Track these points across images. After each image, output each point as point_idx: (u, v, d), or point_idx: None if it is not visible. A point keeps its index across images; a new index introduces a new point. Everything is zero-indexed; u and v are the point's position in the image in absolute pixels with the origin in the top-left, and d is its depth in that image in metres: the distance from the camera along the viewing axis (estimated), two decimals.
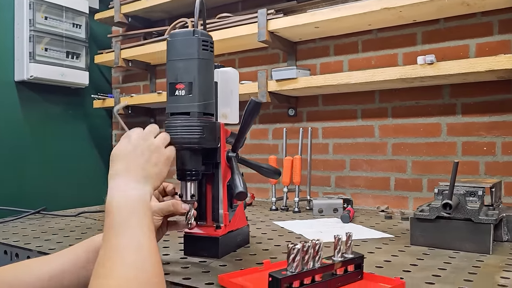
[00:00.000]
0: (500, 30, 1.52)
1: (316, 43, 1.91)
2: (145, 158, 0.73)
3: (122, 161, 0.71)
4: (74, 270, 0.76)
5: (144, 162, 0.73)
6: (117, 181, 0.70)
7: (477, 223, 0.96)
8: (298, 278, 0.65)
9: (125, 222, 0.64)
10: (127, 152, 0.72)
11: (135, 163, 0.72)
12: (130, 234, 0.63)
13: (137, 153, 0.73)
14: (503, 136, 1.51)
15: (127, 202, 0.67)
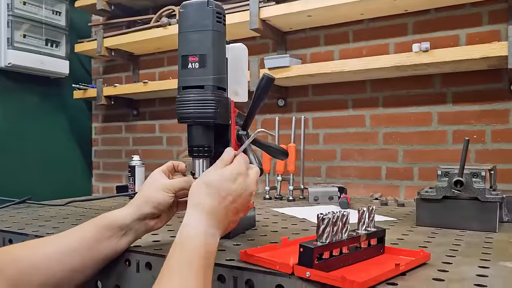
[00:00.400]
0: (489, 21, 1.56)
1: (307, 33, 1.91)
2: (237, 211, 0.71)
3: (218, 202, 0.68)
4: (82, 250, 0.72)
5: (233, 215, 0.71)
6: (203, 217, 0.66)
7: (484, 202, 0.97)
8: (328, 248, 0.64)
9: (172, 268, 0.61)
10: (229, 199, 0.69)
11: (227, 214, 0.69)
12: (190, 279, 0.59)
13: (234, 206, 0.70)
14: (493, 124, 1.55)
15: (203, 248, 0.63)
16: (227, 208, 0.69)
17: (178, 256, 0.61)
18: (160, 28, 2.04)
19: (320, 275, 0.59)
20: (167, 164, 0.86)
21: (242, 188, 0.71)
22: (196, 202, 0.68)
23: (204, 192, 0.68)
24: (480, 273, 0.64)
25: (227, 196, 0.69)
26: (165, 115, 2.34)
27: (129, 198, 1.58)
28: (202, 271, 0.60)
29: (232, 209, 0.70)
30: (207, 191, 0.68)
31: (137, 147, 2.45)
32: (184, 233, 0.64)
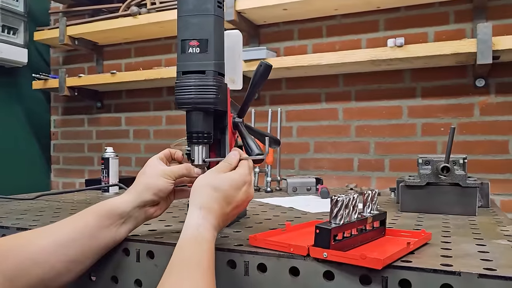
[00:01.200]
0: (456, 20, 1.64)
1: (280, 27, 1.92)
2: (237, 211, 0.71)
3: (223, 208, 0.68)
4: (82, 240, 0.69)
5: (233, 216, 0.71)
6: (213, 221, 0.66)
7: (465, 188, 1.02)
8: (343, 230, 0.65)
9: (180, 263, 0.60)
10: (233, 205, 0.69)
11: (228, 219, 0.70)
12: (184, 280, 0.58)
13: (234, 212, 0.71)
14: (459, 117, 1.63)
15: (212, 250, 0.63)
16: (229, 214, 0.70)
17: (190, 255, 0.60)
18: (129, 18, 1.98)
19: (338, 255, 0.60)
20: (164, 152, 0.84)
21: (245, 196, 0.71)
22: (206, 204, 0.67)
23: (212, 196, 0.67)
24: (480, 250, 0.68)
25: (233, 203, 0.69)
26: (132, 107, 2.27)
27: (102, 191, 1.53)
28: (210, 273, 0.60)
29: (232, 215, 0.71)
30: (216, 195, 0.67)
31: (101, 140, 2.36)
32: (196, 233, 0.63)
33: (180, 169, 0.79)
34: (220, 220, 0.67)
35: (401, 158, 1.71)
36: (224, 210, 0.68)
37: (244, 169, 0.73)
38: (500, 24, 1.57)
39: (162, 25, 1.96)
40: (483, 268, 0.57)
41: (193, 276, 0.57)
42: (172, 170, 0.78)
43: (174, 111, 2.17)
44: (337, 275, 0.61)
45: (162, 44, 2.20)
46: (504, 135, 1.58)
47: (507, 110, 1.57)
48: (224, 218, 0.68)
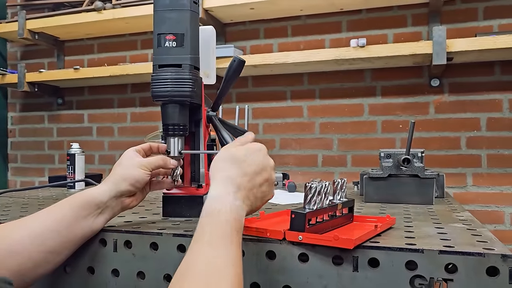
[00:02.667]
0: (413, 22, 1.74)
1: (246, 25, 1.96)
2: (261, 186, 0.67)
3: (244, 174, 0.64)
4: (59, 230, 0.70)
5: (258, 189, 0.67)
6: (233, 190, 0.62)
7: (423, 179, 1.10)
8: (316, 214, 0.69)
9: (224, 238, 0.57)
10: (255, 167, 0.66)
11: (253, 189, 0.65)
12: (229, 251, 0.55)
13: (259, 180, 0.67)
14: (415, 115, 1.73)
15: (234, 219, 0.59)
16: (253, 182, 0.66)
17: (215, 228, 0.57)
18: (94, 13, 1.95)
19: (313, 237, 0.64)
20: (143, 145, 0.85)
21: (265, 161, 0.68)
22: (223, 175, 0.64)
23: (229, 166, 0.65)
24: (439, 231, 0.74)
25: (252, 167, 0.66)
26: (95, 104, 2.24)
27: (68, 188, 1.50)
28: (238, 245, 0.57)
29: (258, 183, 0.66)
30: (233, 165, 0.65)
31: (62, 138, 2.31)
32: (217, 206, 0.60)
33: (156, 160, 0.81)
34: (243, 189, 0.64)
35: (362, 154, 1.79)
36: (244, 176, 0.64)
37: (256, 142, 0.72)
38: (453, 28, 1.68)
39: (128, 21, 1.95)
40: (443, 246, 0.62)
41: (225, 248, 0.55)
42: (149, 161, 0.79)
43: (139, 108, 2.15)
44: (311, 256, 0.65)
45: (127, 40, 2.18)
46: (456, 131, 1.69)
47: (459, 108, 1.69)
48: (247, 186, 0.64)
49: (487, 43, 1.43)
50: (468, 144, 1.67)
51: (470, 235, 0.71)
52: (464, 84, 1.68)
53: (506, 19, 1.64)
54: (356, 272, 0.63)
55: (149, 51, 2.14)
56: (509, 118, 1.63)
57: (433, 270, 0.60)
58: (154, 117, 2.12)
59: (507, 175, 1.63)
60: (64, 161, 2.25)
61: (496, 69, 1.65)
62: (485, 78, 1.66)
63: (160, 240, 0.74)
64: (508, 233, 1.62)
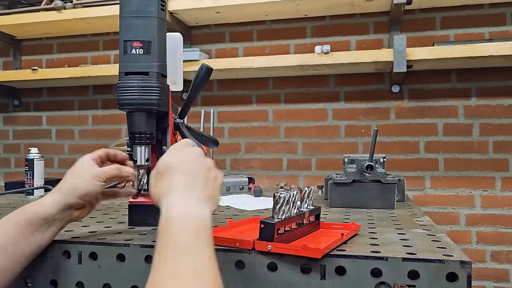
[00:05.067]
0: (375, 30, 1.79)
1: (212, 29, 1.95)
2: (207, 176, 0.63)
3: (183, 174, 0.61)
4: (4, 248, 0.67)
5: (206, 181, 0.62)
6: (178, 196, 0.59)
7: (385, 184, 1.13)
8: (285, 224, 0.70)
9: (186, 245, 0.53)
10: (189, 165, 0.62)
11: (199, 180, 0.61)
12: (191, 260, 0.51)
13: (201, 169, 0.63)
14: (377, 120, 1.78)
15: (190, 223, 0.56)
16: (197, 168, 0.62)
17: (185, 233, 0.54)
18: (53, 12, 1.88)
19: (282, 247, 0.65)
20: (99, 152, 0.80)
21: (197, 150, 0.66)
22: (164, 189, 0.61)
23: (171, 174, 0.61)
24: (402, 238, 0.77)
25: (186, 158, 0.63)
26: (54, 106, 2.16)
27: (26, 194, 1.45)
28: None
29: (201, 167, 0.63)
30: (166, 171, 0.62)
31: (19, 141, 2.21)
32: (165, 219, 0.57)
33: (111, 169, 0.76)
34: (191, 183, 0.61)
35: (326, 158, 1.82)
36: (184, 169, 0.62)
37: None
38: (412, 36, 1.74)
39: (89, 21, 1.90)
40: (406, 253, 0.65)
41: (196, 250, 0.53)
42: (103, 171, 0.75)
43: (101, 111, 2.10)
44: (280, 266, 0.66)
45: (88, 40, 2.12)
46: (415, 136, 1.75)
47: (418, 114, 1.75)
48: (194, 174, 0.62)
49: (445, 52, 1.50)
50: (426, 148, 1.74)
51: (431, 241, 0.75)
52: (422, 90, 1.75)
53: (462, 29, 1.72)
54: (323, 280, 0.65)
55: (111, 52, 2.09)
56: (464, 124, 1.71)
57: (397, 277, 0.63)
58: (117, 120, 2.07)
59: (462, 178, 1.71)
60: (21, 165, 2.16)
61: (452, 76, 1.73)
62: (442, 85, 1.73)
63: (127, 251, 0.73)
64: (463, 233, 1.70)
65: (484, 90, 1.70)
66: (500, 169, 1.68)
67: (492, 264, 1.67)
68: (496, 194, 1.68)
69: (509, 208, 1.67)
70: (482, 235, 1.69)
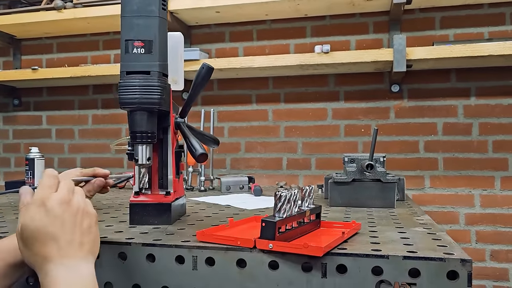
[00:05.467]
0: (374, 30, 1.80)
1: (212, 28, 1.95)
2: (79, 228, 0.59)
3: (52, 239, 0.57)
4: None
5: (80, 234, 0.59)
6: (54, 268, 0.56)
7: (385, 183, 1.14)
8: (286, 222, 0.70)
9: None
10: (53, 226, 0.57)
11: (71, 237, 0.58)
12: None
13: (68, 225, 0.58)
14: (377, 119, 1.79)
15: (79, 286, 0.56)
16: (70, 236, 0.58)
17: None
18: (53, 11, 1.88)
19: (283, 245, 0.66)
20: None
21: (61, 211, 0.59)
22: (37, 259, 0.57)
23: (34, 248, 0.57)
24: (402, 236, 0.77)
25: (55, 230, 0.58)
26: (54, 105, 2.16)
27: None
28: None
29: (78, 234, 0.59)
30: (33, 241, 0.57)
31: (19, 140, 2.21)
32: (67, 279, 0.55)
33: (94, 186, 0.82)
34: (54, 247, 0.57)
35: (326, 157, 1.82)
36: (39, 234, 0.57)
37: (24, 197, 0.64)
38: (411, 36, 1.75)
39: (89, 21, 1.90)
40: (406, 251, 0.65)
41: None
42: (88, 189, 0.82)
43: (101, 110, 2.10)
44: (281, 264, 0.67)
45: (88, 40, 2.12)
46: (415, 135, 1.76)
47: (418, 113, 1.76)
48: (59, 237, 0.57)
49: (444, 52, 1.50)
50: (426, 147, 1.75)
51: (431, 239, 0.75)
52: (422, 90, 1.75)
53: (461, 28, 1.72)
54: (324, 278, 0.65)
55: (111, 51, 2.09)
56: (464, 123, 1.72)
57: (398, 275, 0.63)
58: (117, 120, 2.07)
59: (461, 177, 1.71)
60: (20, 165, 2.16)
61: (452, 76, 1.73)
62: (442, 84, 1.74)
63: (129, 250, 0.73)
64: (462, 232, 1.70)
65: (483, 90, 1.71)
66: (500, 168, 1.69)
67: (492, 263, 1.68)
68: (496, 193, 1.69)
69: (508, 208, 1.68)
70: (481, 234, 1.69)
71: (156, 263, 0.72)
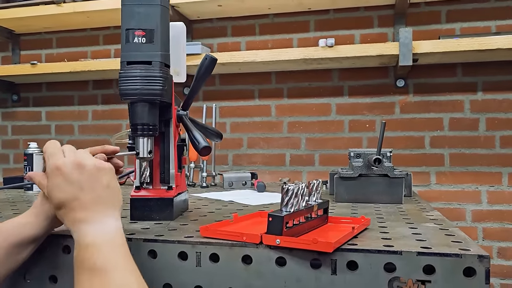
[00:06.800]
0: (379, 24, 1.76)
1: (214, 23, 1.92)
2: (99, 185, 0.62)
3: (75, 205, 0.60)
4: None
5: (101, 190, 0.62)
6: (84, 228, 0.59)
7: (392, 178, 1.11)
8: (294, 217, 0.68)
9: (106, 265, 0.56)
10: (73, 192, 0.60)
11: (93, 196, 0.61)
12: (115, 275, 0.55)
13: (87, 185, 0.61)
14: (382, 114, 1.76)
15: (103, 244, 0.58)
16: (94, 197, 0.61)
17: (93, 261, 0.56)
18: (52, 6, 1.85)
19: (290, 241, 0.63)
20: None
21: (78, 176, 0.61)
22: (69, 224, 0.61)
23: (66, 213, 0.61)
24: (414, 232, 0.74)
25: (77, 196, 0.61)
26: (54, 101, 2.13)
27: (25, 190, 1.42)
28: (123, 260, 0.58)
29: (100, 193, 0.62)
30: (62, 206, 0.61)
31: (18, 136, 2.19)
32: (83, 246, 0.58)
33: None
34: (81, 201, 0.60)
35: (330, 153, 1.80)
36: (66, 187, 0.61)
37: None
38: (417, 30, 1.72)
39: (89, 15, 1.87)
40: (420, 247, 0.62)
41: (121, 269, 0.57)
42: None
43: (101, 106, 2.07)
44: (288, 260, 0.64)
45: (87, 35, 2.09)
46: (421, 131, 1.73)
47: (423, 108, 1.73)
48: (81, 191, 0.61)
49: (451, 45, 1.47)
50: (432, 143, 1.72)
51: (444, 235, 0.72)
52: (428, 85, 1.72)
53: (468, 22, 1.69)
54: (334, 275, 0.62)
55: (111, 46, 2.06)
56: (470, 118, 1.69)
57: (411, 272, 0.60)
58: (117, 115, 2.04)
59: (468, 174, 1.68)
60: (20, 161, 2.13)
61: (458, 70, 1.70)
62: (448, 79, 1.71)
63: (129, 246, 0.70)
64: (469, 229, 1.67)
65: (490, 84, 1.67)
66: (507, 164, 1.66)
67: (499, 261, 1.65)
68: (503, 189, 1.66)
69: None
70: (488, 232, 1.66)
71: (158, 259, 0.69)
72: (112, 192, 0.64)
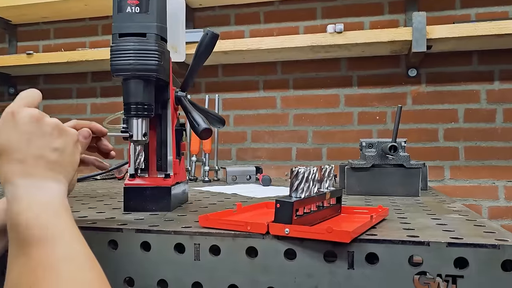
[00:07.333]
0: (390, 10, 1.68)
1: (216, 11, 1.85)
2: (49, 146, 0.54)
3: (15, 156, 0.51)
4: None
5: (50, 152, 0.54)
6: (18, 185, 0.51)
7: (408, 168, 1.03)
8: (305, 204, 0.60)
9: (45, 233, 0.48)
10: (18, 142, 0.52)
11: (38, 154, 0.53)
12: (56, 245, 0.47)
13: (37, 141, 0.53)
14: (393, 106, 1.68)
15: (41, 208, 0.50)
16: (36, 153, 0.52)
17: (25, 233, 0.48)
18: None
19: (301, 230, 0.55)
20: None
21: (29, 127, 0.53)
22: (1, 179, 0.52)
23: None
24: (438, 223, 0.66)
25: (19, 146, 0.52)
26: (52, 94, 2.07)
27: None
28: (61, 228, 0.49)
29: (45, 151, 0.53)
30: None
31: None
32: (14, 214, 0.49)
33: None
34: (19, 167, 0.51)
35: (338, 147, 1.72)
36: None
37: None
38: (430, 16, 1.63)
39: (87, 3, 1.80)
40: (449, 238, 0.54)
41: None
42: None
43: (100, 99, 2.00)
44: (299, 253, 0.56)
45: (86, 25, 2.03)
46: (434, 123, 1.64)
47: (436, 99, 1.64)
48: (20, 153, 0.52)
49: (468, 30, 1.39)
50: (446, 136, 1.63)
51: (473, 226, 0.64)
52: (441, 74, 1.64)
53: (484, 7, 1.61)
54: (351, 269, 0.54)
55: (110, 37, 1.99)
56: (487, 109, 1.60)
57: (440, 265, 0.52)
58: (117, 108, 1.97)
59: (484, 168, 1.60)
60: None
61: (474, 59, 1.62)
62: (463, 68, 1.62)
63: (121, 237, 0.63)
64: None
65: (508, 73, 1.59)
66: None
67: None
68: None
69: None
70: (506, 229, 1.57)
71: (152, 252, 0.61)
72: (63, 159, 0.55)
